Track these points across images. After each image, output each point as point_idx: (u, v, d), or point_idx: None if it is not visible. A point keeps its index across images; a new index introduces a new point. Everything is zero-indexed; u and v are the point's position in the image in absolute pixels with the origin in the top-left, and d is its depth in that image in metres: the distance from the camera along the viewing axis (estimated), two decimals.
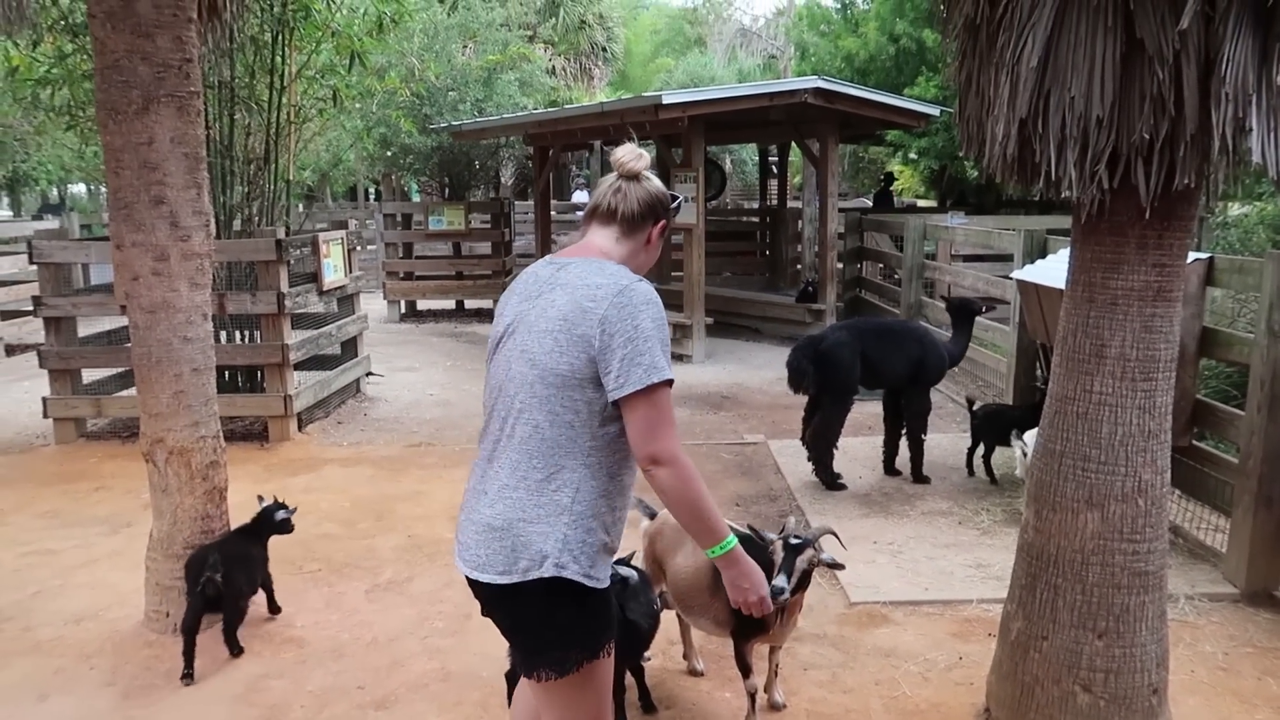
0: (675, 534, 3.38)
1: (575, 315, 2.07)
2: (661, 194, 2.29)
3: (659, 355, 2.04)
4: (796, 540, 2.92)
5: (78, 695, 3.53)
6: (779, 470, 6.27)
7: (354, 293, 8.22)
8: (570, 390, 2.08)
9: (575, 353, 2.06)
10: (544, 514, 2.09)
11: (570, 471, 2.10)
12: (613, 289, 2.07)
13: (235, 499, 5.69)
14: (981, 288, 8.03)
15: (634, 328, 2.03)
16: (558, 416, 2.09)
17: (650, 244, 2.30)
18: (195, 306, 3.88)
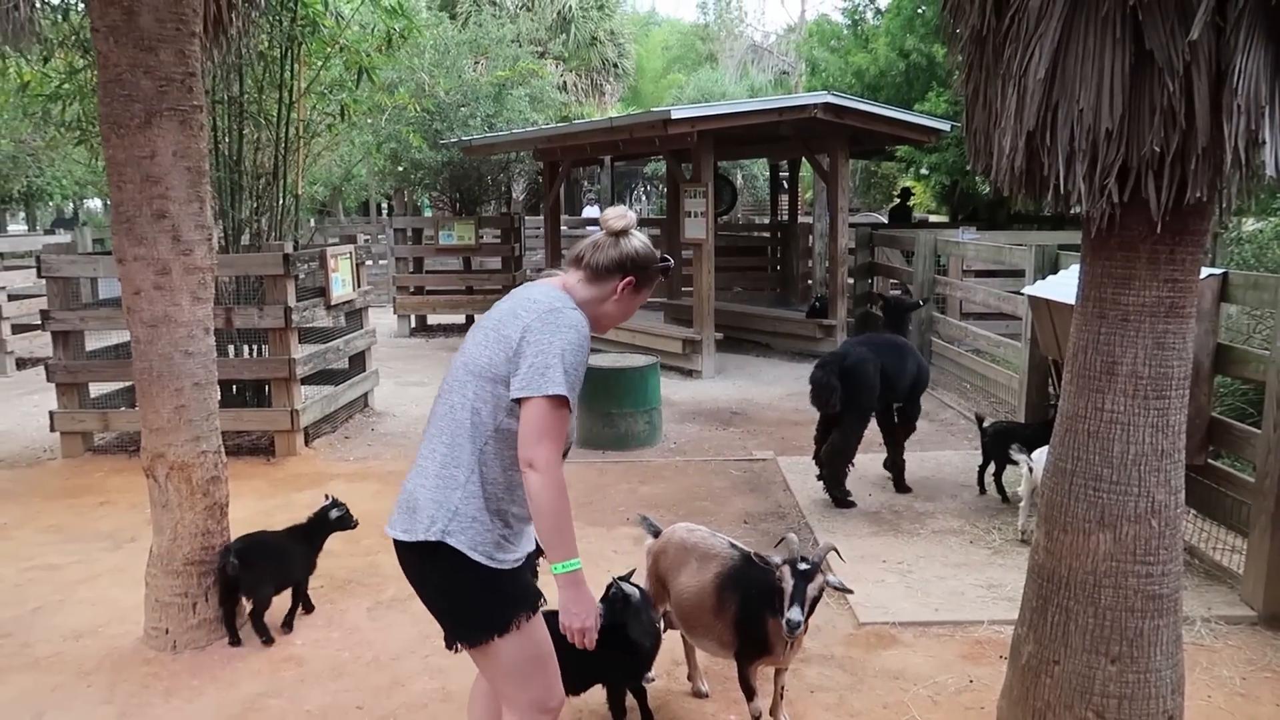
0: (679, 552, 3.33)
1: (507, 318, 2.34)
2: (635, 254, 2.46)
3: (559, 373, 2.22)
4: (806, 566, 2.85)
5: (74, 713, 3.49)
6: (788, 488, 6.20)
7: (362, 307, 8.21)
8: (484, 381, 2.32)
9: (496, 350, 2.31)
10: (441, 485, 2.32)
11: (469, 455, 2.32)
12: (545, 306, 2.32)
13: (240, 514, 5.68)
14: (993, 303, 7.96)
15: (549, 343, 2.25)
16: (469, 402, 2.33)
17: (617, 296, 2.47)
18: (197, 321, 3.86)
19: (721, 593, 3.09)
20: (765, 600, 2.98)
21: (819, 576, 2.86)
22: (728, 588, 3.09)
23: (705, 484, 6.30)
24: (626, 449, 7.12)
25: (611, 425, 7.14)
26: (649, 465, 6.74)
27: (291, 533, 4.27)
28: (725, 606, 3.08)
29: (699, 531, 3.39)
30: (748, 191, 23.99)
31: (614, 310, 2.49)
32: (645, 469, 6.67)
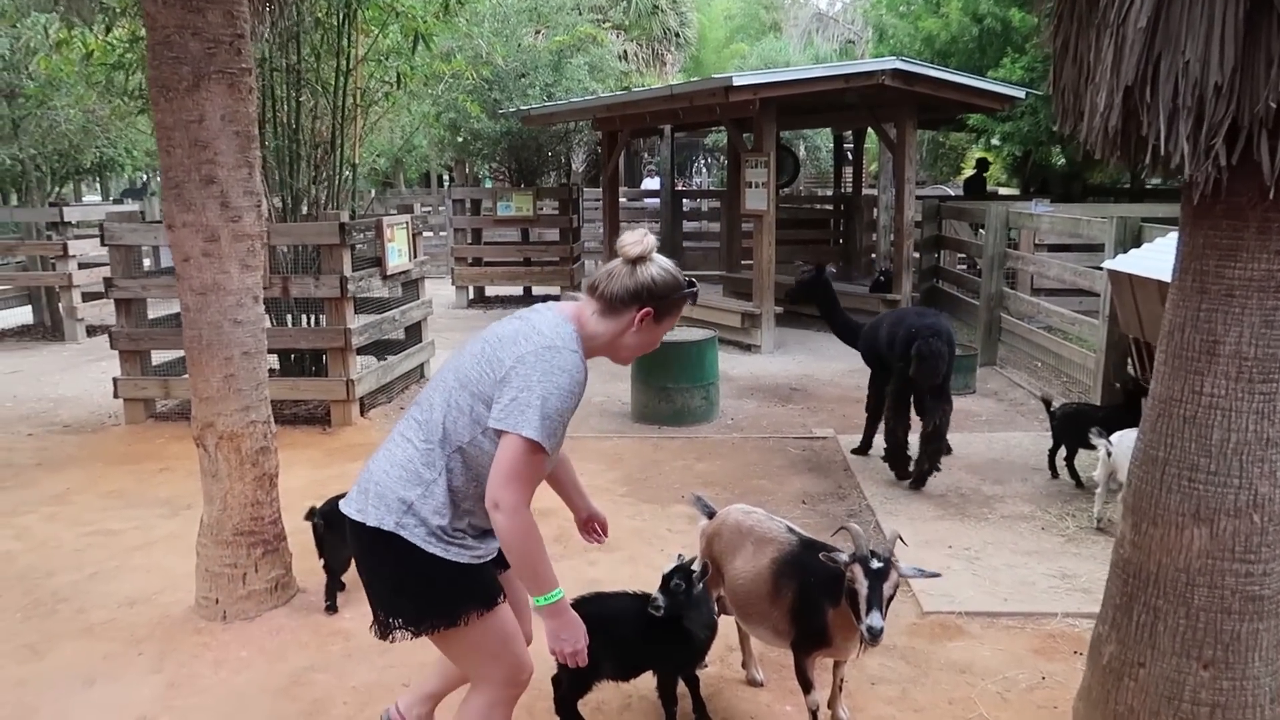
0: (734, 535, 3.17)
1: (507, 341, 2.27)
2: (653, 282, 2.33)
3: (537, 416, 2.15)
4: (879, 564, 2.66)
5: (123, 682, 3.49)
6: (848, 467, 6.00)
7: (418, 277, 8.16)
8: (467, 394, 2.27)
9: (487, 368, 2.25)
10: (403, 478, 2.30)
11: (439, 459, 2.29)
12: (545, 342, 2.23)
13: (294, 484, 5.68)
14: (1068, 278, 7.61)
15: (535, 383, 2.17)
16: (449, 410, 2.29)
17: (635, 328, 2.36)
18: (246, 289, 3.80)
19: (778, 579, 2.94)
20: (825, 589, 2.82)
21: (893, 573, 2.68)
22: (785, 574, 2.93)
23: (763, 462, 6.13)
24: (683, 424, 6.97)
25: (668, 400, 7.00)
26: (705, 441, 6.59)
27: None
28: (782, 594, 2.93)
29: (756, 514, 3.24)
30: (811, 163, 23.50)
31: (634, 342, 2.39)
32: (702, 445, 6.51)
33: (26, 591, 4.27)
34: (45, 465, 6.16)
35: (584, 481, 5.61)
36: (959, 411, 7.25)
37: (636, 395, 7.20)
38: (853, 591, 2.66)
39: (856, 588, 2.65)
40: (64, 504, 5.41)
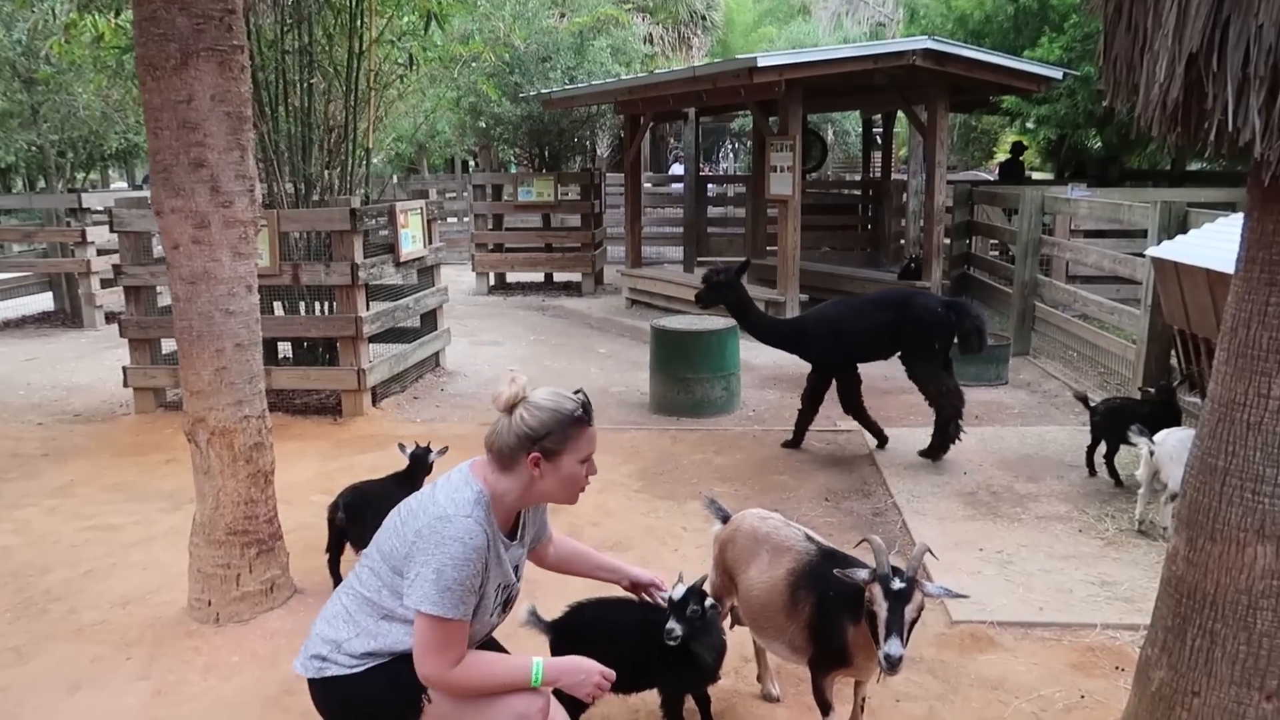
0: (748, 543, 2.96)
1: (410, 516, 2.30)
2: (528, 427, 2.28)
3: (434, 591, 2.16)
4: (901, 585, 2.42)
5: (109, 690, 3.33)
6: (874, 462, 5.76)
7: (434, 264, 7.98)
8: (388, 567, 2.29)
9: (398, 542, 2.28)
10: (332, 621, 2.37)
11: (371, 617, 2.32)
12: (438, 513, 2.24)
13: (301, 476, 5.55)
14: (1107, 266, 7.29)
15: (430, 557, 2.18)
16: (375, 579, 2.33)
17: (539, 475, 2.30)
18: (239, 278, 3.61)
19: (795, 592, 2.72)
20: (845, 604, 2.59)
21: (917, 594, 2.45)
22: (802, 587, 2.71)
23: (784, 456, 5.90)
24: (702, 416, 6.75)
25: (687, 391, 6.78)
26: (725, 434, 6.37)
27: (395, 480, 4.11)
28: (799, 608, 2.71)
29: (772, 520, 3.01)
30: (839, 147, 23.11)
31: (552, 487, 2.33)
32: (721, 438, 6.29)
33: (19, 590, 4.14)
34: (52, 456, 6.05)
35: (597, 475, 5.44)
36: (989, 403, 6.99)
37: (655, 386, 6.99)
38: (871, 613, 2.44)
39: (875, 609, 2.42)
40: (66, 497, 5.29)
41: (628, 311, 11.09)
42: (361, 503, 3.90)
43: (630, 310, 11.13)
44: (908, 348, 5.68)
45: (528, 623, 2.86)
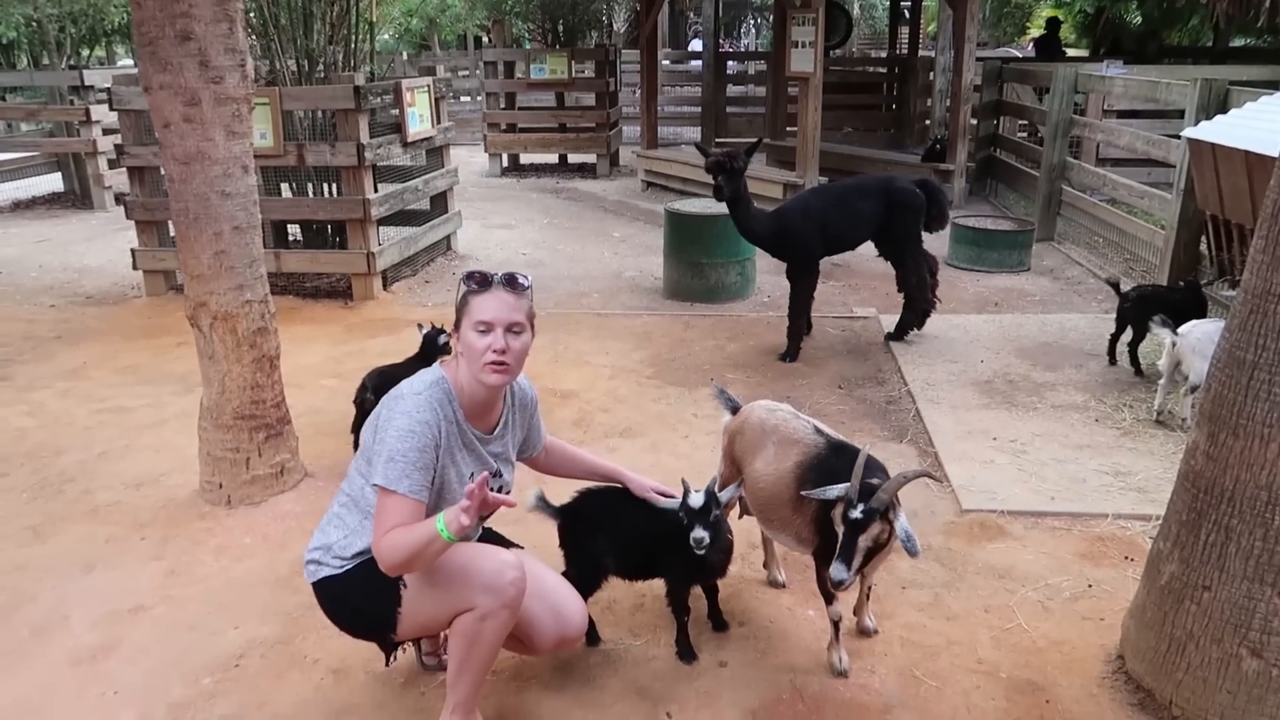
0: (756, 434, 2.90)
1: (380, 404, 2.39)
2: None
3: (380, 461, 2.25)
4: (858, 515, 2.35)
5: (123, 569, 3.38)
6: (889, 349, 5.68)
7: (443, 145, 7.77)
8: (364, 458, 2.38)
9: (369, 433, 2.38)
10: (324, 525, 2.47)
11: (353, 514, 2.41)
12: (395, 394, 2.36)
13: (312, 360, 5.53)
14: (1140, 148, 7.01)
15: (383, 434, 2.28)
16: (356, 477, 2.43)
17: (457, 344, 2.37)
18: (234, 158, 3.49)
19: (802, 485, 2.67)
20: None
21: (874, 525, 2.37)
22: (809, 480, 2.66)
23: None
24: (715, 301, 6.66)
25: (700, 276, 6.66)
26: (739, 320, 6.28)
27: (413, 362, 4.06)
28: (806, 501, 2.67)
29: (780, 411, 2.95)
30: (865, 22, 22.20)
31: (466, 360, 2.35)
32: (734, 324, 6.21)
33: (35, 470, 4.18)
34: (65, 338, 6.06)
35: (608, 362, 5.37)
36: (1010, 290, 6.86)
37: (669, 270, 6.87)
38: (832, 532, 2.39)
39: (835, 528, 2.37)
40: (79, 379, 5.30)
41: (643, 194, 10.86)
42: (388, 384, 3.87)
43: (646, 193, 10.90)
44: (897, 233, 5.60)
45: (535, 508, 2.85)
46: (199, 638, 2.99)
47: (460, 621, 2.28)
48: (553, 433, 2.94)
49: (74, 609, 3.14)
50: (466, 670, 2.35)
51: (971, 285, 7.08)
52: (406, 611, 2.34)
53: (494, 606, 2.26)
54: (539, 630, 2.50)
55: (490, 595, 2.25)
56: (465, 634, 2.29)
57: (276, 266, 6.56)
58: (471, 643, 2.30)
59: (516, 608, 2.31)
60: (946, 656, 2.86)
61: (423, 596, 2.32)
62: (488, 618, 2.27)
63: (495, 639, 2.32)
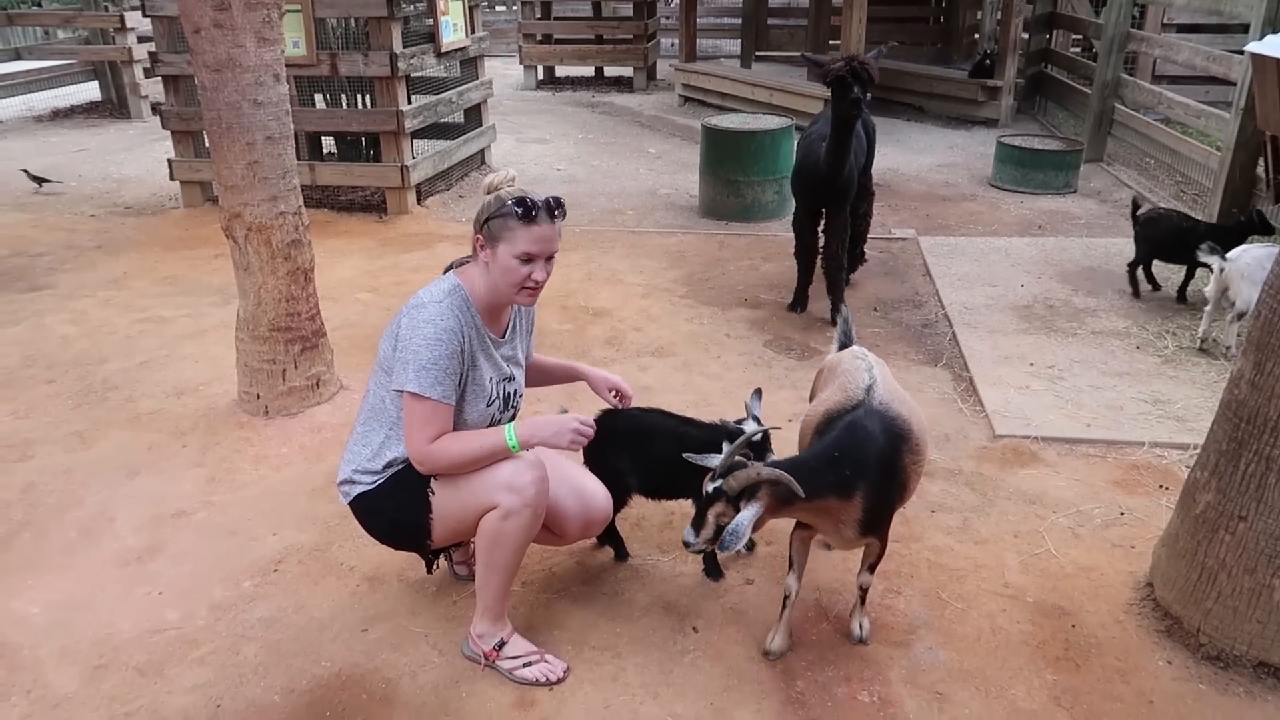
0: (830, 374, 2.73)
1: (399, 315, 2.38)
2: (481, 210, 2.34)
3: (410, 370, 2.26)
4: (710, 488, 2.22)
5: (165, 475, 3.47)
6: (927, 271, 5.59)
7: (477, 55, 7.63)
8: (382, 370, 2.41)
9: (388, 343, 2.40)
10: (352, 444, 2.50)
11: (378, 431, 2.44)
12: (413, 303, 2.35)
13: (346, 274, 5.56)
14: (1200, 64, 6.72)
15: (407, 340, 2.29)
16: (376, 390, 2.45)
17: (486, 258, 2.34)
18: (265, 65, 3.44)
19: (817, 436, 2.49)
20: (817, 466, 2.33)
21: (717, 504, 2.20)
22: (820, 431, 2.48)
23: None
24: (751, 220, 6.56)
25: (737, 194, 6.56)
26: (775, 240, 6.19)
27: None
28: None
29: (862, 361, 2.65)
30: None
31: (497, 279, 2.34)
32: (770, 244, 6.13)
33: (80, 378, 4.27)
34: (105, 248, 6.12)
35: (641, 280, 5.34)
36: (1054, 212, 6.69)
37: (704, 188, 6.77)
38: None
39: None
40: (120, 289, 5.37)
41: (680, 109, 10.65)
42: None
43: (683, 108, 10.69)
44: (866, 162, 5.09)
45: None
46: (239, 543, 3.07)
47: (484, 521, 2.33)
48: (584, 350, 2.94)
49: (119, 512, 3.24)
50: (493, 571, 2.41)
51: (1015, 207, 6.91)
52: (437, 516, 2.39)
53: (516, 505, 2.31)
54: (565, 515, 2.56)
55: (512, 494, 2.30)
56: (489, 533, 2.34)
57: (311, 179, 6.55)
58: (495, 542, 2.35)
59: (539, 507, 2.36)
60: (973, 580, 2.87)
61: (449, 500, 2.37)
62: (510, 516, 2.31)
63: (519, 539, 2.36)
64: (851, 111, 4.32)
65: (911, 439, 2.37)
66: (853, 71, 4.26)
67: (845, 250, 4.92)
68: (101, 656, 2.58)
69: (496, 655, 2.49)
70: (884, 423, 2.34)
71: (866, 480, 2.27)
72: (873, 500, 2.29)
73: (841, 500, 2.27)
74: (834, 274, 4.85)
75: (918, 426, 2.41)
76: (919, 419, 2.45)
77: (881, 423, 2.33)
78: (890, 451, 2.32)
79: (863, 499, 2.27)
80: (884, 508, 2.37)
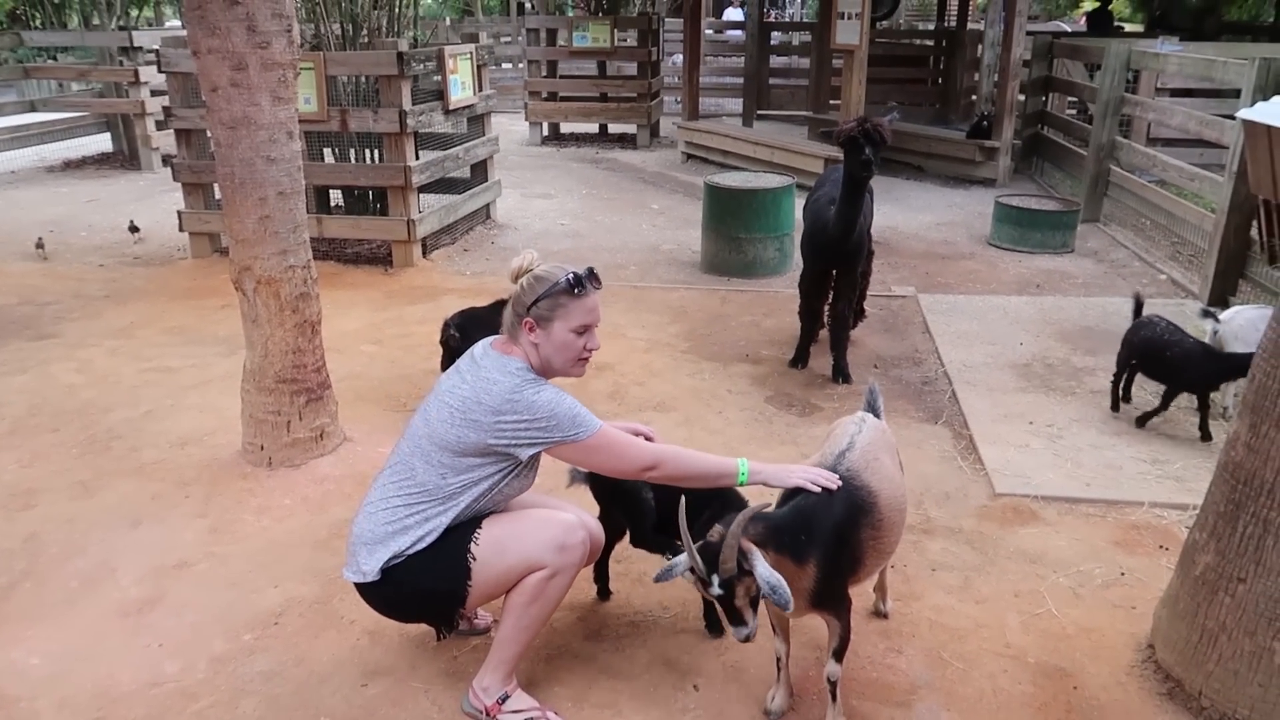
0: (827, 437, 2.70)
1: (472, 403, 2.33)
2: (527, 294, 2.38)
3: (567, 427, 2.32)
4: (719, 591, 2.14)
5: (168, 525, 3.48)
6: (927, 329, 5.64)
7: (484, 112, 7.78)
8: (449, 454, 2.36)
9: (466, 431, 2.33)
10: (390, 530, 2.39)
11: (435, 512, 2.39)
12: (511, 387, 2.32)
13: (351, 325, 5.61)
14: (1193, 128, 6.85)
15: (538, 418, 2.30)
16: (433, 470, 2.38)
17: (536, 341, 2.38)
18: (279, 123, 3.53)
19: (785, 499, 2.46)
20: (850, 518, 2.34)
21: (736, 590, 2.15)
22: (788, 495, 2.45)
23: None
24: (753, 277, 6.64)
25: (739, 251, 6.64)
26: (776, 297, 6.26)
27: (496, 306, 4.08)
28: None
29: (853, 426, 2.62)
30: None
31: (549, 354, 2.39)
32: (771, 300, 6.19)
33: (84, 427, 4.29)
34: (113, 297, 6.19)
35: (643, 335, 5.38)
36: (1052, 272, 6.77)
37: (707, 244, 6.85)
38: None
39: None
40: (127, 338, 5.42)
41: (683, 166, 10.81)
42: (472, 324, 4.07)
43: (686, 165, 10.85)
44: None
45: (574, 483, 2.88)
46: (240, 595, 3.07)
47: (528, 580, 2.36)
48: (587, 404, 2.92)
49: (121, 562, 3.24)
50: (522, 629, 2.43)
51: (1013, 266, 6.99)
52: (477, 581, 2.38)
53: (563, 564, 2.36)
54: None
55: (562, 554, 2.35)
56: (530, 592, 2.37)
57: (318, 231, 6.64)
58: (534, 600, 2.38)
59: (581, 566, 2.43)
60: (974, 639, 2.87)
61: (492, 563, 2.37)
62: (556, 575, 2.37)
63: (558, 598, 2.42)
64: (862, 172, 4.41)
65: (875, 513, 2.35)
66: (865, 132, 4.35)
67: (852, 311, 4.99)
68: (100, 709, 2.57)
69: (499, 709, 2.48)
70: (846, 492, 2.33)
71: (819, 548, 2.25)
72: (825, 570, 2.26)
73: (796, 565, 2.24)
74: (839, 333, 4.91)
75: (886, 500, 2.39)
76: (892, 492, 2.43)
77: (844, 492, 2.33)
78: (846, 523, 2.30)
79: (815, 567, 2.25)
80: (836, 580, 2.32)
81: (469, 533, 2.39)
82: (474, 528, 2.40)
